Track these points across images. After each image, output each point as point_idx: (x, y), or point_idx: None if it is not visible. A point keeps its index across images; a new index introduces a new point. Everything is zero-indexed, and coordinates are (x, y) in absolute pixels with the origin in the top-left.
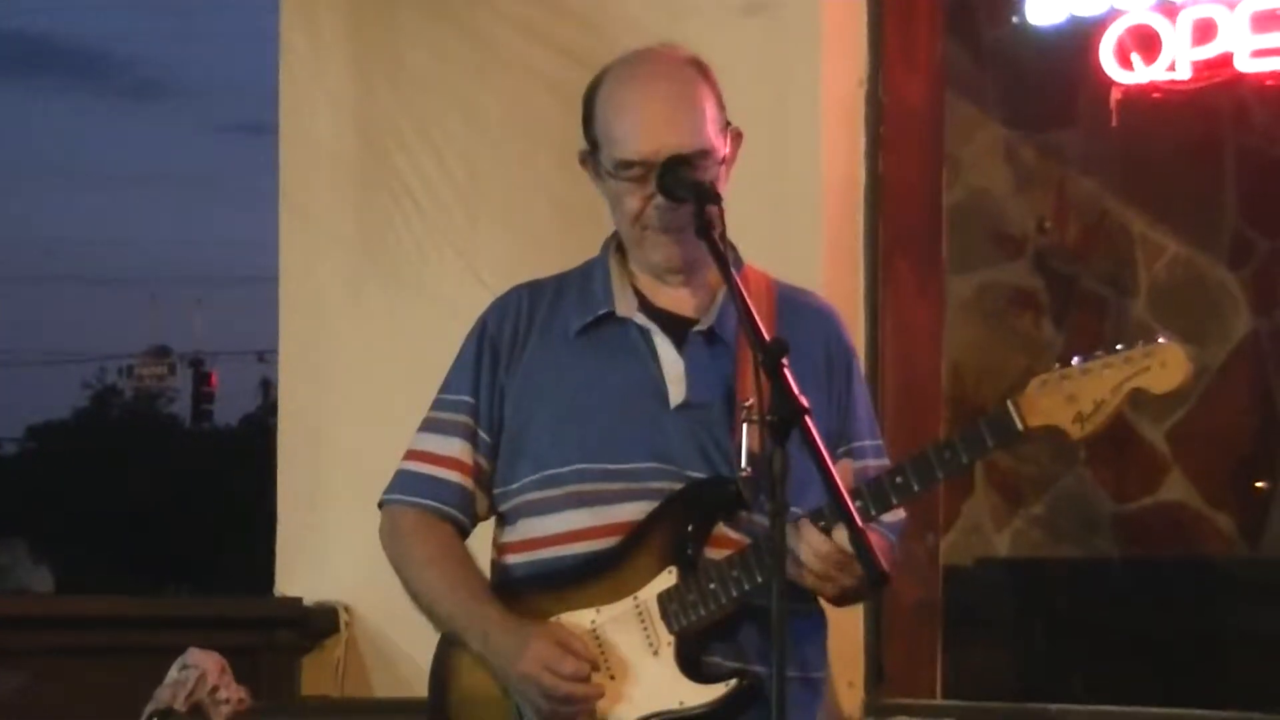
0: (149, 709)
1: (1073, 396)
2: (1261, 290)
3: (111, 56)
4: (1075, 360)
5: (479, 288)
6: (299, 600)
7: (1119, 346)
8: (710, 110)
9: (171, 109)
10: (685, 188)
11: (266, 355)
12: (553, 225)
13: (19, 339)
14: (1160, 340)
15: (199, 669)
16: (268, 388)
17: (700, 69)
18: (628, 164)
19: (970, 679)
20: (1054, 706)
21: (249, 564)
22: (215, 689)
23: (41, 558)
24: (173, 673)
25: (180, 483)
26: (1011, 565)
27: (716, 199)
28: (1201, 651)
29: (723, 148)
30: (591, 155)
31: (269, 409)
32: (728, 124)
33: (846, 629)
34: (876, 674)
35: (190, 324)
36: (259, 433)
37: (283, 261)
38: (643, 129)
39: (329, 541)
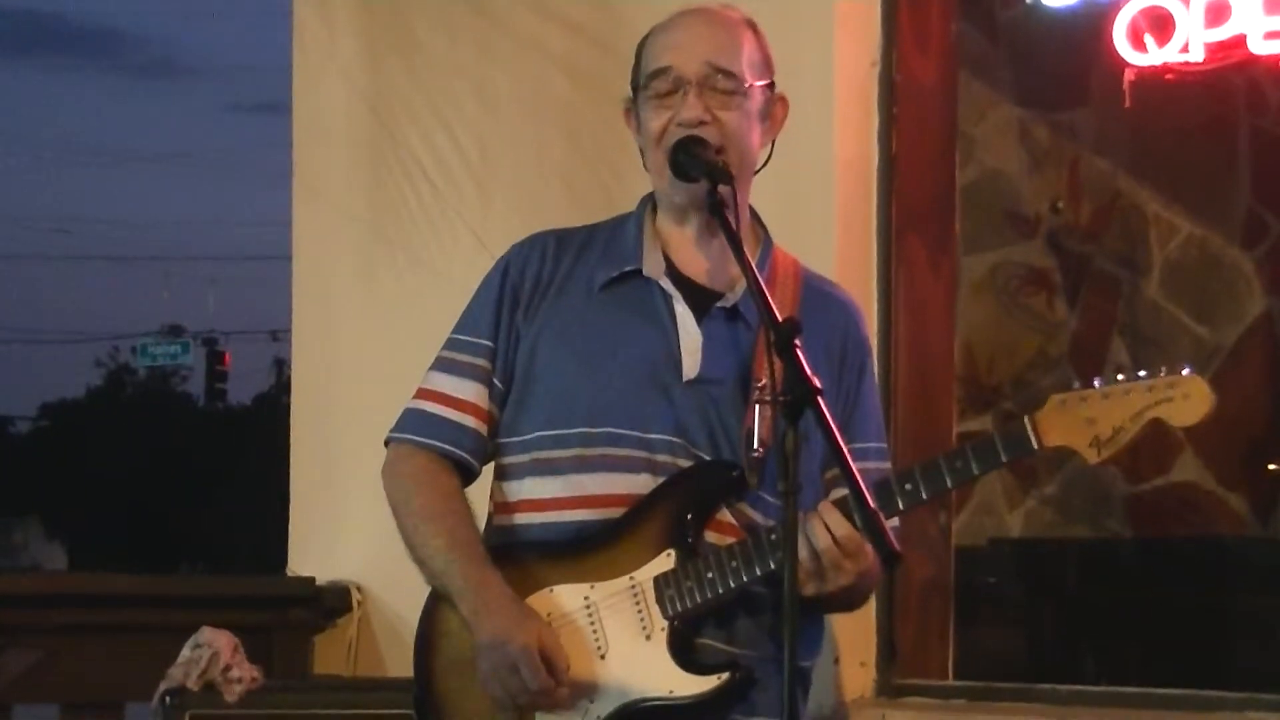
0: (162, 688)
1: (1092, 420)
2: (1274, 270)
3: (124, 35)
4: (1097, 382)
5: (490, 264)
6: (312, 579)
7: (1142, 373)
8: (749, 49)
9: (184, 88)
10: (697, 167)
11: (280, 334)
12: (564, 203)
13: (32, 317)
14: (1185, 371)
15: (212, 648)
16: (281, 367)
17: (750, 23)
18: (657, 72)
19: (982, 659)
20: (1065, 687)
21: (262, 543)
22: (228, 668)
23: (55, 535)
24: (185, 652)
25: (193, 462)
26: (1024, 546)
27: (729, 179)
28: (1213, 632)
29: (757, 91)
30: (633, 102)
31: (282, 388)
32: (772, 84)
33: (859, 609)
34: (888, 654)
35: (204, 303)
36: (272, 412)
37: (296, 239)
38: (676, 40)
39: (342, 521)
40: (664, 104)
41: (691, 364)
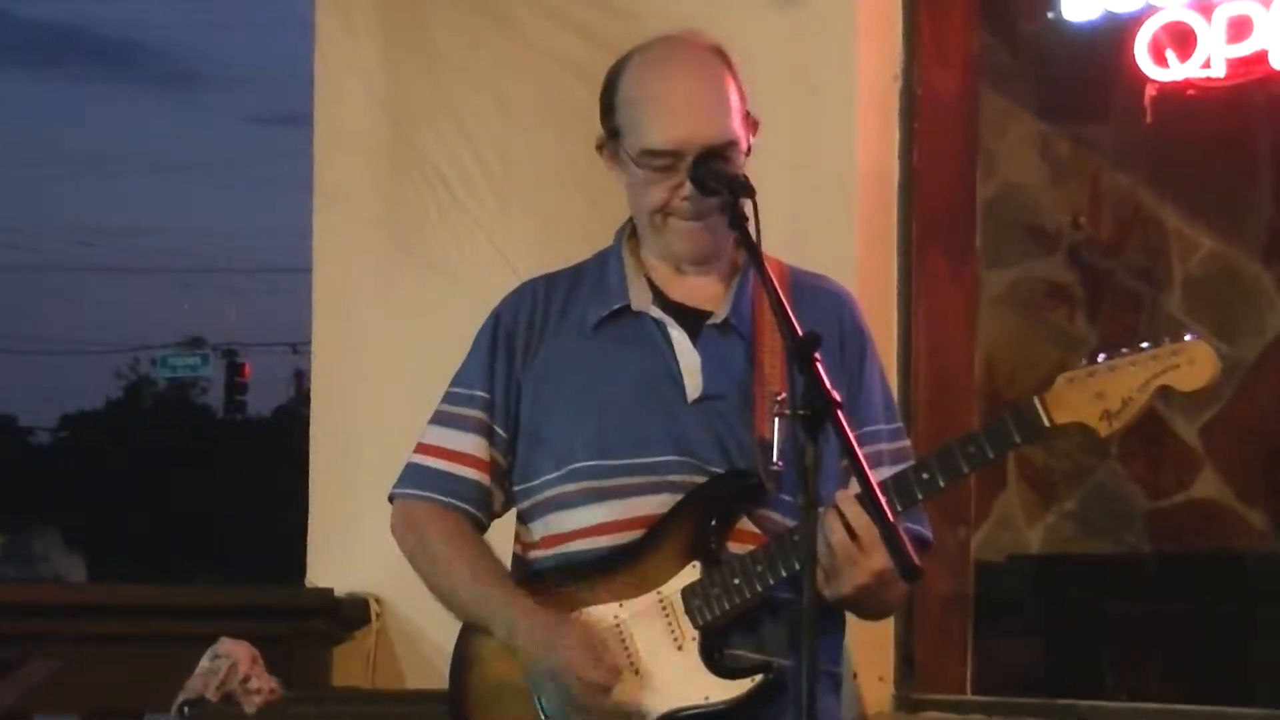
0: (180, 698)
1: (1100, 394)
2: None
3: (144, 46)
4: (1102, 357)
5: (510, 275)
6: (330, 591)
7: (1144, 345)
8: (735, 101)
9: (205, 98)
10: (719, 180)
11: (300, 347)
12: (583, 211)
13: (52, 328)
14: (1188, 337)
15: (230, 659)
16: (300, 379)
17: (723, 57)
18: (656, 153)
19: (1001, 674)
20: (1084, 703)
21: (280, 554)
22: (247, 679)
23: (74, 546)
24: (204, 662)
25: (212, 473)
26: (1043, 560)
27: (751, 192)
28: (1234, 648)
29: (746, 138)
30: (610, 142)
31: (302, 400)
32: (747, 112)
33: (878, 623)
34: (906, 668)
35: (224, 314)
36: (292, 424)
37: (316, 248)
38: (671, 119)
39: (360, 532)
40: (665, 179)
41: (694, 385)
